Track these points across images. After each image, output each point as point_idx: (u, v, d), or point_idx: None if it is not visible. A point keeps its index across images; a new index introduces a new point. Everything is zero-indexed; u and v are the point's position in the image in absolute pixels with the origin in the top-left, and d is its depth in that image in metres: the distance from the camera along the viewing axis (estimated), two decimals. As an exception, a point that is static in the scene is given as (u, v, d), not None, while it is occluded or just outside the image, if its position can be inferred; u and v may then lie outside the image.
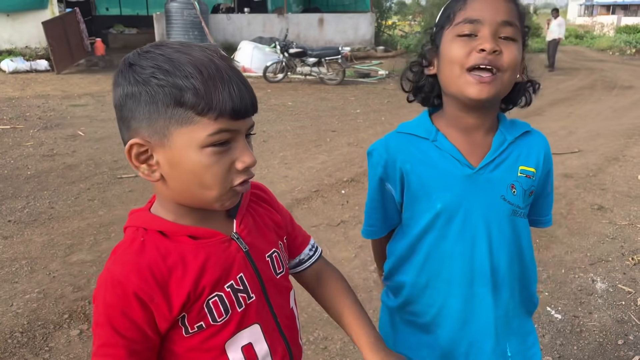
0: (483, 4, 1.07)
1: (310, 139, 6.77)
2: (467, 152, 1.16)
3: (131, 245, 0.89)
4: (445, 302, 1.21)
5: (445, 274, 1.19)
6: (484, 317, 1.19)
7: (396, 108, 9.17)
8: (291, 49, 11.73)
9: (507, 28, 1.06)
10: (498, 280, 1.17)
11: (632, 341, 2.66)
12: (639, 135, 7.15)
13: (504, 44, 1.06)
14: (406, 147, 1.20)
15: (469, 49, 1.06)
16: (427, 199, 1.17)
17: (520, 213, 1.17)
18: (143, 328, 0.86)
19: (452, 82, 1.11)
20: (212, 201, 0.88)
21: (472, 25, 1.06)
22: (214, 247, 0.91)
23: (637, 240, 3.82)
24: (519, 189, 1.15)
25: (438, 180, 1.16)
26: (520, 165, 1.16)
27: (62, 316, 2.78)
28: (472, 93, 1.07)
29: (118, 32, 18.02)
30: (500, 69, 1.06)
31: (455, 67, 1.09)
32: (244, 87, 0.85)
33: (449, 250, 1.18)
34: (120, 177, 5.10)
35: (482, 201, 1.15)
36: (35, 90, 10.00)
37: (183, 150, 0.83)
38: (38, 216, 4.13)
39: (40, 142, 6.30)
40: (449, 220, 1.16)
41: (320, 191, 4.75)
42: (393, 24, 22.89)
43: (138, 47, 0.87)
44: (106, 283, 0.86)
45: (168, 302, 0.86)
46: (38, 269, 3.30)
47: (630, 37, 24.89)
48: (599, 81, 12.94)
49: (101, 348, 0.86)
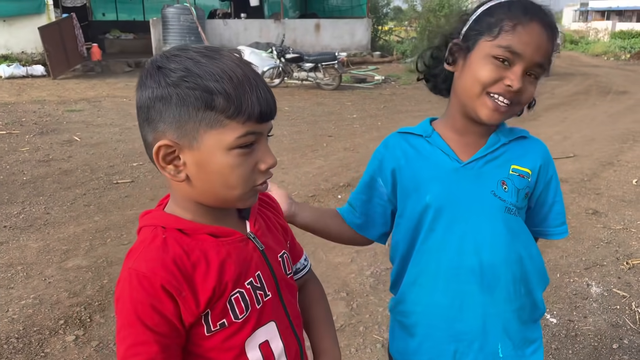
0: (530, 39, 1.08)
1: (307, 144, 6.79)
2: (459, 150, 1.20)
3: (153, 242, 0.89)
4: (431, 299, 1.21)
5: (432, 269, 1.20)
6: (471, 314, 1.19)
7: (392, 113, 9.20)
8: (288, 54, 11.76)
9: (538, 69, 1.11)
10: (489, 278, 1.17)
11: (626, 345, 2.67)
12: (634, 140, 7.19)
13: (528, 82, 1.11)
14: (402, 144, 1.26)
15: (498, 76, 1.09)
16: (417, 193, 1.20)
17: (514, 211, 1.17)
18: (173, 322, 0.86)
19: (469, 97, 1.14)
20: (235, 200, 0.91)
21: (512, 55, 1.08)
22: (233, 245, 0.93)
23: (631, 245, 3.84)
24: (511, 186, 1.17)
25: (428, 173, 1.20)
26: (513, 164, 1.18)
27: (58, 322, 2.78)
28: (484, 116, 1.12)
29: (115, 37, 17.99)
30: (515, 104, 1.12)
31: (477, 86, 1.12)
32: (268, 91, 0.88)
33: (436, 244, 1.19)
34: (116, 183, 5.09)
35: (471, 195, 1.17)
36: (31, 95, 9.99)
37: (211, 152, 0.85)
38: (34, 222, 4.12)
39: (36, 148, 6.29)
40: (437, 213, 1.18)
41: (317, 196, 4.75)
42: (389, 30, 22.97)
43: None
44: (131, 280, 0.85)
45: (195, 297, 0.87)
46: (34, 274, 3.29)
47: (625, 43, 25.07)
48: (593, 86, 13.01)
49: (132, 348, 0.84)
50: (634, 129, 7.94)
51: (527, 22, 1.08)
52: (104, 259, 3.49)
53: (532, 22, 1.08)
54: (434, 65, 1.26)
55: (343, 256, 3.59)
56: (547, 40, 1.09)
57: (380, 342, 2.65)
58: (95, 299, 3.00)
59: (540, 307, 1.27)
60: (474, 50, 1.13)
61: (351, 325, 2.79)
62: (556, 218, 1.27)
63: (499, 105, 1.10)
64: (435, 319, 1.22)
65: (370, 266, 3.45)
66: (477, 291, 1.18)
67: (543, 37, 1.09)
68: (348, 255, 3.60)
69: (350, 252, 3.64)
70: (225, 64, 0.84)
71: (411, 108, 9.81)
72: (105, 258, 3.50)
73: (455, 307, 1.19)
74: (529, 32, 1.08)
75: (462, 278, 1.18)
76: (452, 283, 1.18)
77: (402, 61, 17.14)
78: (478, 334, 1.20)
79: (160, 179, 5.24)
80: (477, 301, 1.18)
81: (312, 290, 1.19)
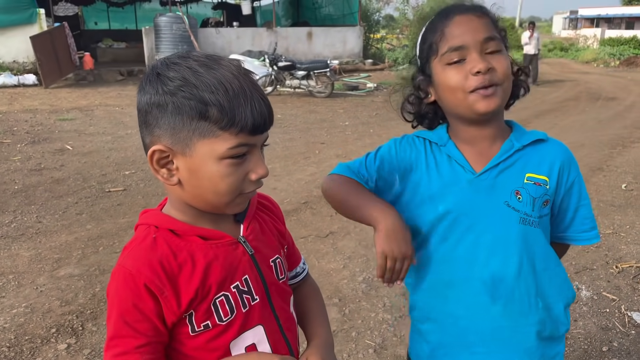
0: (461, 29, 1.11)
1: (299, 151, 6.81)
2: (473, 160, 1.19)
3: (143, 241, 0.93)
4: (445, 308, 1.21)
5: (445, 278, 1.19)
6: (483, 326, 1.18)
7: (384, 120, 9.25)
8: (280, 63, 11.81)
9: (490, 43, 1.11)
10: (501, 290, 1.15)
11: (616, 348, 2.70)
12: (623, 145, 7.27)
13: (493, 58, 1.11)
14: (426, 149, 1.25)
15: (464, 73, 1.11)
16: (431, 202, 1.19)
17: (530, 222, 1.15)
18: (153, 321, 0.90)
19: (458, 105, 1.15)
20: (223, 206, 0.93)
21: (458, 52, 1.11)
22: (222, 248, 0.95)
23: (620, 249, 3.88)
24: (525, 195, 1.14)
25: (442, 184, 1.19)
26: (528, 173, 1.16)
27: (50, 330, 2.77)
28: (481, 108, 1.11)
29: (107, 46, 17.99)
30: (499, 83, 1.11)
31: (457, 92, 1.13)
32: (264, 103, 0.90)
33: (448, 253, 1.18)
34: (108, 191, 5.09)
35: (485, 206, 1.15)
36: (23, 104, 9.97)
37: (203, 160, 0.88)
38: (25, 230, 4.11)
39: (28, 157, 6.27)
40: (451, 224, 1.17)
41: (309, 203, 4.77)
42: (381, 38, 23.12)
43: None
44: (118, 277, 0.90)
45: (177, 297, 0.90)
46: (25, 283, 3.28)
47: (614, 49, 25.36)
48: (583, 93, 13.15)
49: (112, 340, 0.89)
50: (623, 134, 8.03)
51: (449, 21, 1.13)
52: (96, 267, 3.48)
53: (453, 17, 1.13)
54: (417, 109, 1.28)
55: (335, 262, 3.60)
56: (477, 19, 1.12)
57: (373, 347, 2.66)
58: (88, 307, 2.99)
59: (563, 322, 1.22)
60: (433, 73, 1.18)
61: (343, 330, 2.80)
62: (583, 223, 1.23)
63: (487, 91, 1.11)
64: (448, 328, 1.21)
65: (362, 272, 3.46)
66: (489, 303, 1.16)
67: (471, 20, 1.12)
68: (340, 261, 3.62)
69: (342, 258, 3.65)
70: (223, 75, 0.87)
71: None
72: (97, 266, 3.50)
73: (467, 318, 1.18)
74: (457, 26, 1.12)
75: (474, 290, 1.17)
76: (465, 294, 1.18)
77: (394, 69, 17.25)
78: (492, 348, 1.18)
79: (152, 187, 5.24)
80: (489, 313, 1.17)
81: (307, 288, 1.21)
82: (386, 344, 2.68)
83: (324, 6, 20.21)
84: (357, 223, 4.06)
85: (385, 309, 3.00)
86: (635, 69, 20.59)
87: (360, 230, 4.16)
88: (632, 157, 6.62)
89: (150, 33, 14.31)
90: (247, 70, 0.92)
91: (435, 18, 1.17)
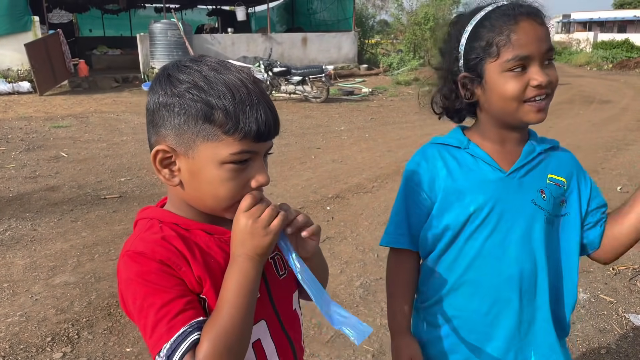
0: (528, 37, 1.09)
1: (295, 156, 6.81)
2: (499, 159, 1.21)
3: (150, 229, 0.93)
4: (470, 305, 1.22)
5: (471, 274, 1.21)
6: (507, 322, 1.20)
7: (380, 125, 9.26)
8: (275, 68, 11.83)
9: (550, 53, 1.12)
10: (528, 287, 1.18)
11: (614, 350, 2.69)
12: (617, 148, 7.30)
13: (549, 69, 1.12)
14: (442, 155, 1.25)
15: (523, 84, 1.11)
16: (461, 203, 1.20)
17: (551, 220, 1.19)
18: (186, 282, 0.89)
19: (508, 113, 1.16)
20: (221, 210, 0.94)
21: (523, 61, 1.10)
22: (225, 243, 0.95)
23: (617, 251, 3.88)
24: (548, 194, 1.19)
25: (472, 184, 1.20)
26: (549, 174, 1.21)
27: (45, 339, 2.74)
28: (534, 119, 1.14)
29: (101, 53, 17.97)
30: (551, 94, 1.14)
31: (511, 102, 1.13)
32: (270, 112, 0.90)
33: (476, 250, 1.19)
34: (104, 198, 5.07)
35: (514, 204, 1.18)
36: (18, 112, 9.93)
37: (205, 163, 0.89)
38: (20, 239, 4.08)
39: (23, 164, 6.24)
40: (482, 221, 1.18)
41: (306, 208, 4.76)
42: (376, 43, 23.20)
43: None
44: (135, 259, 0.88)
45: (193, 273, 0.89)
46: (20, 292, 3.25)
47: (607, 53, 25.55)
48: (577, 96, 13.22)
49: (160, 311, 0.84)
50: (617, 137, 8.07)
51: (516, 25, 1.10)
52: (92, 275, 3.46)
53: (520, 22, 1.10)
54: (452, 105, 1.26)
55: (332, 267, 3.59)
56: (541, 27, 1.11)
57: (371, 352, 2.65)
58: (83, 315, 2.97)
59: (565, 327, 1.25)
60: (486, 75, 1.15)
61: (341, 336, 2.79)
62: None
63: (540, 104, 1.13)
64: (471, 324, 1.23)
65: (359, 277, 3.45)
66: (515, 299, 1.19)
67: (537, 27, 1.10)
68: (337, 266, 3.61)
69: (339, 263, 3.64)
70: (231, 81, 0.88)
71: (398, 119, 9.89)
72: (93, 274, 3.47)
73: (492, 314, 1.20)
74: (524, 33, 1.09)
75: (502, 286, 1.18)
76: (492, 290, 1.19)
77: (389, 73, 17.30)
78: (514, 342, 1.21)
79: (148, 193, 5.23)
80: (515, 309, 1.19)
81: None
82: (384, 349, 2.67)
83: (318, 12, 20.26)
84: (355, 228, 4.06)
85: (383, 313, 2.99)
86: (628, 72, 20.73)
87: (357, 235, 4.16)
88: (627, 160, 6.65)
89: (145, 40, 14.30)
90: (257, 78, 0.93)
91: (494, 15, 1.13)
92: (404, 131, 8.59)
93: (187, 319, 0.85)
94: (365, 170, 6.14)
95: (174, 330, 0.83)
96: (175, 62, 0.92)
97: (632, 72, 20.58)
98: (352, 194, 5.25)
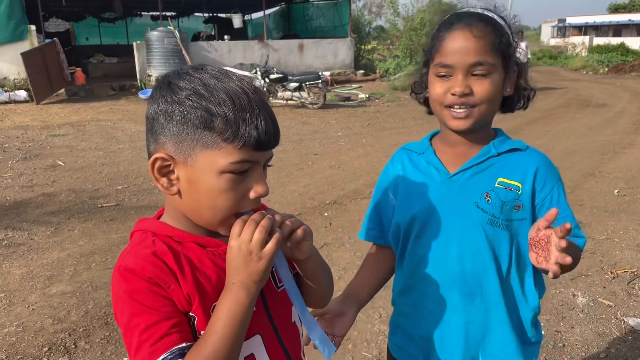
0: (454, 48, 1.16)
1: (293, 163, 6.80)
2: (450, 162, 1.26)
3: (142, 242, 0.93)
4: (420, 302, 1.28)
5: (420, 275, 1.27)
6: (454, 320, 1.24)
7: (377, 130, 9.27)
8: (272, 75, 11.85)
9: (478, 67, 1.15)
10: (470, 286, 1.21)
11: (613, 354, 2.69)
12: (614, 151, 7.32)
13: (476, 81, 1.16)
14: (403, 158, 1.35)
15: (445, 88, 1.18)
16: (407, 204, 1.28)
17: (498, 224, 1.19)
18: (174, 302, 0.88)
19: (437, 113, 1.25)
20: (216, 224, 0.93)
21: (446, 69, 1.17)
22: (218, 256, 0.95)
23: (615, 254, 3.88)
24: (495, 198, 1.20)
25: (418, 186, 1.27)
26: (500, 177, 1.21)
27: (42, 349, 2.72)
28: (452, 126, 1.20)
29: (98, 61, 17.98)
30: (474, 105, 1.16)
31: (435, 104, 1.22)
32: (271, 121, 0.90)
33: (422, 251, 1.25)
34: (100, 206, 5.05)
35: (455, 206, 1.22)
36: (14, 121, 9.92)
37: (203, 172, 0.88)
38: (17, 248, 4.06)
39: (20, 173, 6.23)
40: (424, 223, 1.25)
41: (303, 214, 4.75)
42: (372, 49, 23.26)
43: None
44: (124, 276, 0.88)
45: (182, 291, 0.89)
46: (17, 301, 3.23)
47: (602, 57, 25.67)
48: (573, 100, 13.25)
49: (144, 333, 0.85)
50: (614, 140, 8.09)
51: (448, 33, 1.17)
52: (89, 284, 3.44)
53: (453, 31, 1.16)
54: (418, 96, 1.35)
55: (331, 274, 3.58)
56: (474, 39, 1.14)
57: (369, 359, 2.64)
58: (80, 324, 2.95)
59: (529, 330, 1.25)
60: (428, 76, 1.25)
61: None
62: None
63: (457, 113, 1.18)
64: (421, 321, 1.29)
65: (358, 283, 3.44)
66: (458, 298, 1.22)
67: (468, 39, 1.14)
68: (335, 272, 3.59)
69: (337, 269, 3.63)
70: (232, 89, 0.87)
71: (395, 125, 9.89)
72: (90, 283, 3.46)
73: (438, 312, 1.24)
74: (452, 42, 1.15)
75: (445, 285, 1.23)
76: (438, 289, 1.24)
77: (386, 79, 17.33)
78: (460, 339, 1.24)
79: (145, 202, 5.21)
80: (458, 308, 1.23)
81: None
82: (383, 356, 2.66)
83: (314, 18, 20.32)
84: (352, 234, 4.04)
85: (382, 320, 2.98)
86: (624, 75, 20.81)
87: (355, 241, 4.15)
88: (624, 163, 6.66)
89: (142, 48, 14.32)
90: (258, 88, 0.92)
91: (442, 23, 1.21)
92: (401, 136, 8.60)
93: (169, 345, 0.85)
94: (362, 175, 6.13)
95: (155, 355, 0.84)
96: (177, 70, 0.91)
97: (627, 75, 20.66)
98: (349, 199, 5.25)
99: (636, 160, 6.85)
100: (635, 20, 35.85)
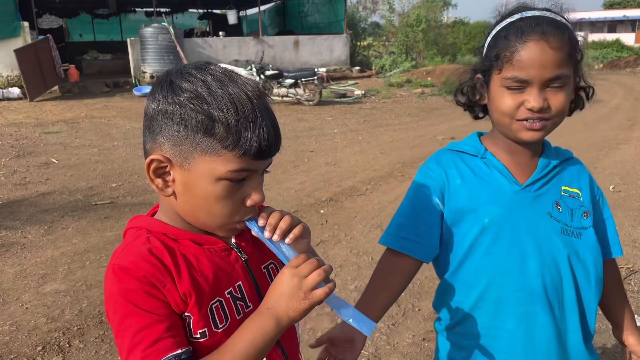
0: (531, 61, 1.07)
1: (288, 160, 6.78)
2: (515, 171, 1.20)
3: (136, 239, 0.90)
4: (495, 322, 1.18)
5: (493, 293, 1.17)
6: (538, 336, 1.16)
7: (373, 127, 9.26)
8: (267, 71, 11.83)
9: (555, 81, 1.09)
10: (553, 299, 1.16)
11: (610, 350, 2.69)
12: (609, 147, 7.33)
13: (552, 94, 1.09)
14: (457, 162, 1.23)
15: (519, 102, 1.10)
16: (474, 214, 1.17)
17: (571, 232, 1.17)
18: (170, 304, 0.86)
19: (503, 126, 1.16)
20: (214, 228, 0.91)
21: (520, 83, 1.09)
22: (215, 254, 0.93)
23: (611, 250, 3.89)
24: (564, 206, 1.18)
25: (486, 195, 1.18)
26: (563, 186, 1.20)
27: (36, 348, 2.70)
28: (524, 137, 1.14)
29: (92, 58, 17.86)
30: (549, 119, 1.11)
31: (504, 117, 1.14)
32: (273, 129, 0.88)
33: (496, 267, 1.16)
34: (95, 204, 5.02)
35: (529, 217, 1.16)
36: (7, 118, 9.85)
37: (200, 177, 0.85)
38: (10, 246, 4.02)
39: (13, 171, 6.18)
40: (496, 236, 1.16)
41: (299, 211, 4.74)
42: (368, 45, 23.24)
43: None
44: (116, 275, 0.85)
45: (177, 290, 0.86)
46: (10, 300, 3.20)
47: (597, 53, 25.73)
48: (568, 96, 13.27)
49: (137, 335, 0.82)
50: (609, 136, 8.11)
51: (523, 44, 1.07)
52: (83, 282, 3.41)
53: (528, 42, 1.07)
54: (468, 102, 1.27)
55: (327, 271, 3.56)
56: (552, 51, 1.06)
57: (366, 356, 2.63)
58: (74, 323, 2.93)
59: (591, 332, 1.23)
60: (490, 84, 1.16)
61: (336, 340, 2.76)
62: (607, 236, 1.27)
63: (532, 124, 1.11)
64: (499, 342, 1.18)
65: (354, 280, 3.43)
66: (541, 313, 1.15)
67: (545, 51, 1.06)
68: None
69: (333, 267, 3.62)
70: (236, 94, 0.84)
71: (392, 121, 9.89)
72: (84, 281, 3.43)
73: (520, 331, 1.16)
74: (528, 56, 1.07)
75: (526, 301, 1.15)
76: (517, 306, 1.16)
77: (382, 75, 17.33)
78: (551, 356, 1.17)
79: (139, 199, 5.18)
80: (541, 323, 1.16)
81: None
82: (379, 353, 2.65)
83: (310, 14, 20.27)
84: (349, 231, 4.03)
85: (378, 317, 2.96)
86: (619, 71, 20.88)
87: (351, 238, 4.14)
88: (619, 159, 6.68)
89: (136, 44, 14.25)
90: (263, 92, 0.90)
91: (513, 27, 1.11)
92: (397, 133, 8.59)
93: (164, 350, 0.82)
94: (358, 172, 6.12)
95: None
96: (180, 68, 0.88)
97: (622, 71, 20.74)
98: (345, 197, 5.23)
99: (631, 156, 6.87)
100: (630, 16, 35.98)
